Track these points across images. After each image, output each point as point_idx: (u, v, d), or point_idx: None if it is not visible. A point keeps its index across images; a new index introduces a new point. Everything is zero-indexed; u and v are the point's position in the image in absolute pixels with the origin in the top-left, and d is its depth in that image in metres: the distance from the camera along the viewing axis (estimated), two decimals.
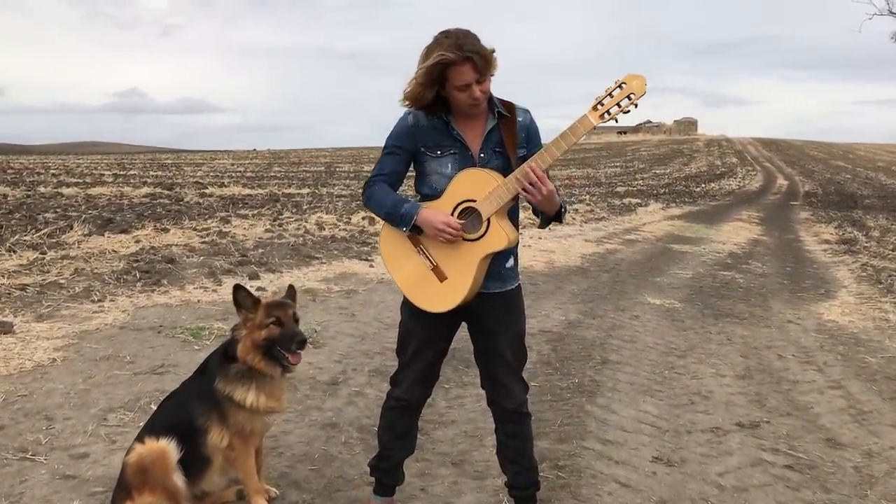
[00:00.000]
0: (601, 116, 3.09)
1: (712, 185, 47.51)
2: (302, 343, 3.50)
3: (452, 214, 3.18)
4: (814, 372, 6.48)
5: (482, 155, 3.24)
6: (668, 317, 8.53)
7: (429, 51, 3.07)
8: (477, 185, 3.16)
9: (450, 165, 3.25)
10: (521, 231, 3.43)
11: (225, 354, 3.57)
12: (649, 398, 5.62)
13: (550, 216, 3.26)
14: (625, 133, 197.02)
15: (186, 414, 3.50)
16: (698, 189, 42.19)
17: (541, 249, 13.39)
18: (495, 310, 3.34)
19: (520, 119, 3.29)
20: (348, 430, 4.72)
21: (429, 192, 3.30)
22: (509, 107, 3.29)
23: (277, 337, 3.50)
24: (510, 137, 3.24)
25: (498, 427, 3.54)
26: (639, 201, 28.93)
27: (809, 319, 8.64)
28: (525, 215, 3.40)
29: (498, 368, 3.40)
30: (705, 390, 5.86)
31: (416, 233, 3.22)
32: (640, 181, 47.84)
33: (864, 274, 12.10)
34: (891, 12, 35.84)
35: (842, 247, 16.02)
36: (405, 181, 3.44)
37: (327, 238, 12.76)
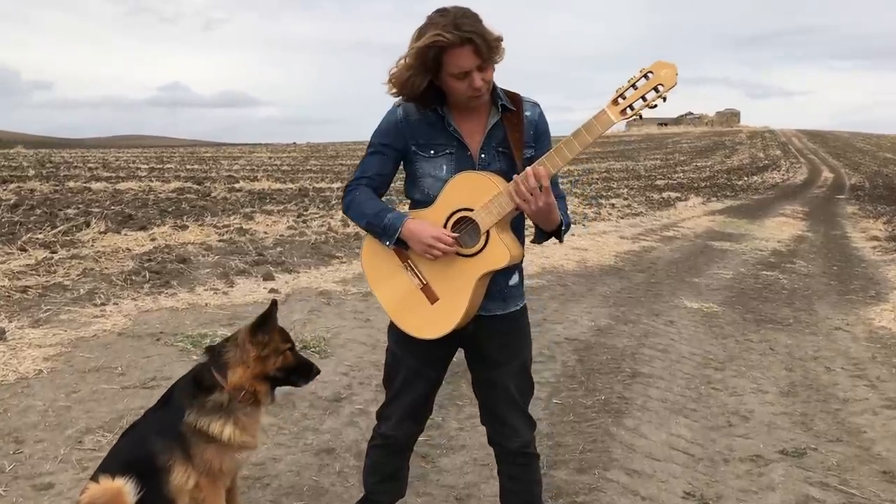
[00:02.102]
0: (622, 112, 2.57)
1: (755, 178, 46.37)
2: (317, 373, 3.20)
3: (446, 225, 2.71)
4: (866, 388, 5.90)
5: (483, 155, 2.76)
6: (705, 322, 7.96)
7: (421, 32, 2.58)
8: (475, 192, 2.68)
9: (445, 167, 2.77)
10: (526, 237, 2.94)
11: (197, 383, 3.14)
12: (682, 419, 5.10)
13: (546, 232, 2.77)
14: (666, 125, 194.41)
15: (147, 450, 3.08)
16: (740, 182, 41.14)
17: (573, 247, 12.84)
18: (497, 335, 2.86)
19: (527, 114, 2.80)
20: (345, 456, 4.28)
21: (420, 198, 2.83)
22: (515, 99, 2.79)
23: (294, 365, 3.11)
24: (516, 135, 2.75)
25: (500, 469, 3.06)
26: (678, 195, 28.16)
27: (859, 326, 8.02)
28: (571, 207, 2.88)
29: (500, 403, 2.92)
30: (745, 410, 5.32)
31: (401, 246, 2.76)
32: (681, 174, 46.83)
33: None
34: None
35: (892, 244, 15.24)
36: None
37: (350, 235, 12.33)
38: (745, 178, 45.05)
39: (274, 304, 3.12)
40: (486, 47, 2.56)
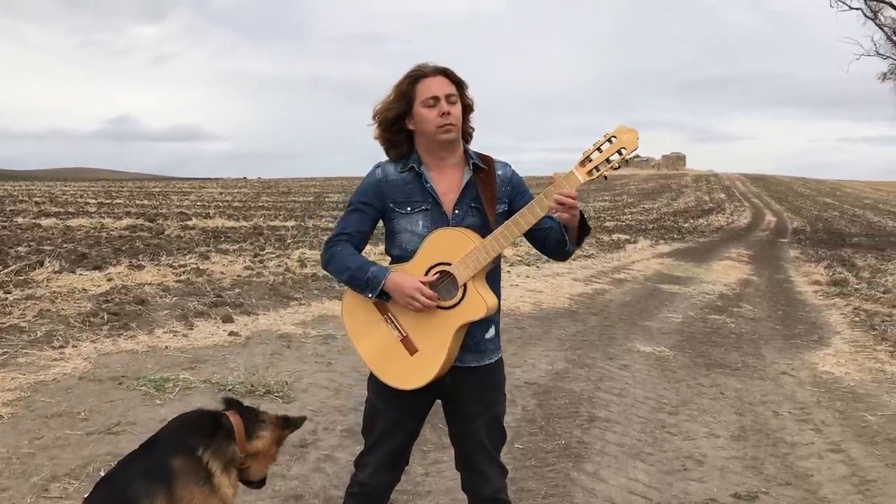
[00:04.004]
0: (589, 173, 2.85)
1: (700, 220, 47.40)
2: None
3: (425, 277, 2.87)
4: (812, 432, 6.14)
5: (456, 211, 2.95)
6: (658, 366, 8.19)
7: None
8: (452, 247, 2.85)
9: (421, 223, 2.95)
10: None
11: (216, 426, 3.14)
12: (640, 462, 5.26)
13: (580, 231, 2.96)
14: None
15: (126, 497, 3.09)
16: (686, 225, 42.04)
17: (529, 289, 13.07)
18: (471, 387, 3.00)
19: (499, 173, 3.03)
20: (313, 503, 4.34)
21: (399, 254, 2.99)
22: (486, 160, 3.03)
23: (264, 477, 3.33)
24: (488, 194, 2.95)
25: None
26: (627, 237, 28.69)
27: (804, 370, 8.32)
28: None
29: (473, 453, 3.06)
30: (698, 454, 5.51)
31: (383, 299, 2.89)
32: (629, 216, 47.69)
33: (857, 319, 11.78)
34: (878, 53, 36.19)
35: (833, 289, 15.73)
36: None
37: (308, 276, 12.38)
38: (692, 221, 46.05)
39: (305, 417, 3.46)
40: (458, 80, 2.91)
